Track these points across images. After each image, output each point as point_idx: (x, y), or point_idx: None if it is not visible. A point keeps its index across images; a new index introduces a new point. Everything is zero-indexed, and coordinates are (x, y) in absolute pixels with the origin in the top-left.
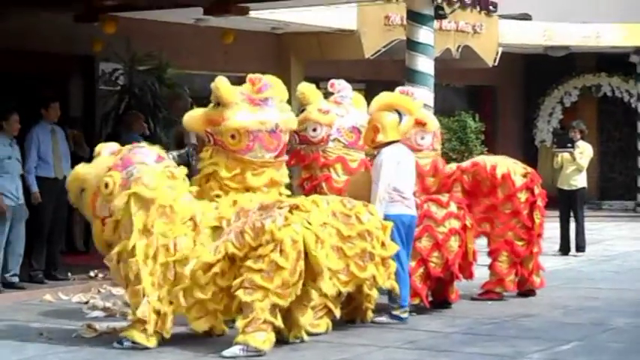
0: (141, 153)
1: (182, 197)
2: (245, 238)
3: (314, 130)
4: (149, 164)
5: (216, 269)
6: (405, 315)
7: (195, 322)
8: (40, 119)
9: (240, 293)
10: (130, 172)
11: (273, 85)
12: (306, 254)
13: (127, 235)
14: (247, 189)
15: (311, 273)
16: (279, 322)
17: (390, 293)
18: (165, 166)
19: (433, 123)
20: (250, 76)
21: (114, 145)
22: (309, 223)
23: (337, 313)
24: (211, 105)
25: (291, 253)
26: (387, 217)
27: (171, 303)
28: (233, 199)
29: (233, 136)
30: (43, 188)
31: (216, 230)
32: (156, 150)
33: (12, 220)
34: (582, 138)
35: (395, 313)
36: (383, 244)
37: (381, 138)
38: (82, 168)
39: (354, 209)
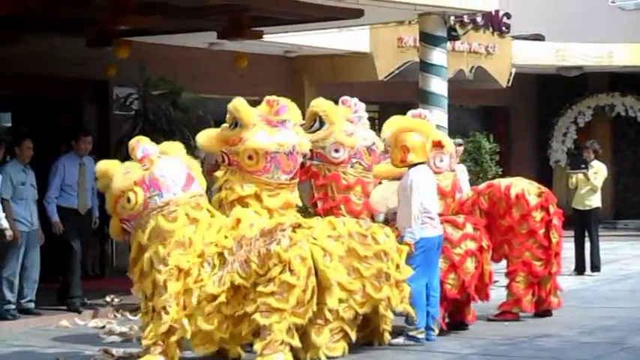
0: (170, 173)
1: (202, 229)
2: (251, 267)
3: (336, 151)
4: (174, 193)
5: (221, 299)
6: (422, 336)
7: (198, 348)
8: (70, 149)
9: (257, 317)
10: (153, 198)
11: (289, 107)
12: (316, 271)
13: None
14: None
15: (323, 291)
16: (296, 342)
17: (406, 315)
18: (191, 196)
19: (450, 144)
20: (267, 98)
21: (149, 146)
22: (315, 239)
23: (353, 336)
24: (227, 125)
25: (302, 270)
26: (418, 241)
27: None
28: (236, 216)
29: (250, 157)
30: (65, 218)
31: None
32: (185, 165)
33: (26, 246)
34: (596, 158)
35: (411, 334)
36: (398, 267)
37: (412, 158)
38: (112, 168)
39: (370, 229)
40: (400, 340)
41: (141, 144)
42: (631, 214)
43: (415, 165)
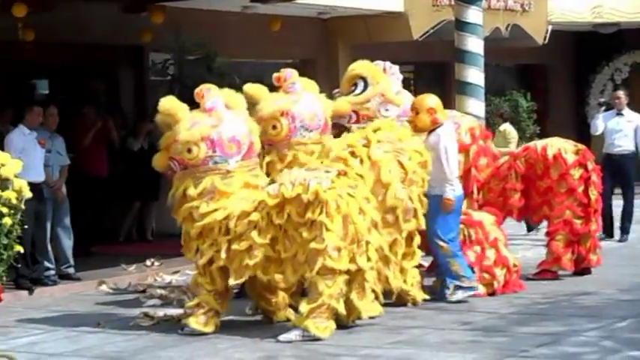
0: (235, 138)
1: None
2: (280, 189)
3: (386, 109)
4: (236, 160)
5: (252, 217)
6: (475, 283)
7: (233, 274)
8: None
9: (312, 276)
10: (214, 158)
11: (295, 72)
12: None
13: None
14: None
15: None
16: (341, 308)
17: (451, 273)
18: (249, 165)
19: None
20: (275, 74)
21: (218, 99)
22: (353, 192)
23: (381, 298)
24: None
25: (336, 216)
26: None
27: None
28: None
29: (275, 127)
30: None
31: None
32: (249, 129)
33: (54, 213)
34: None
35: (466, 285)
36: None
37: (441, 118)
38: (180, 112)
39: None
40: (459, 294)
41: (211, 94)
42: None
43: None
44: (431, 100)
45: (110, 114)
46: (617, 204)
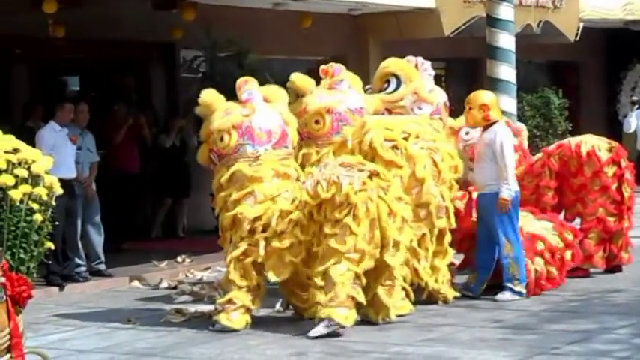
0: (267, 127)
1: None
2: (317, 189)
3: (419, 107)
4: (265, 149)
5: (293, 216)
6: (524, 290)
7: (272, 271)
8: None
9: (324, 264)
10: (244, 146)
11: (343, 68)
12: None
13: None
14: None
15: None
16: (361, 296)
17: (507, 274)
18: (280, 155)
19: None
20: (322, 67)
21: (255, 91)
22: (385, 194)
23: (412, 296)
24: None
25: (364, 220)
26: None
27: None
28: None
29: (317, 122)
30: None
31: None
32: (283, 120)
33: (84, 209)
34: None
35: (517, 289)
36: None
37: (494, 115)
38: (216, 102)
39: None
40: (507, 295)
41: (248, 86)
42: None
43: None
44: (485, 96)
45: (141, 111)
46: None
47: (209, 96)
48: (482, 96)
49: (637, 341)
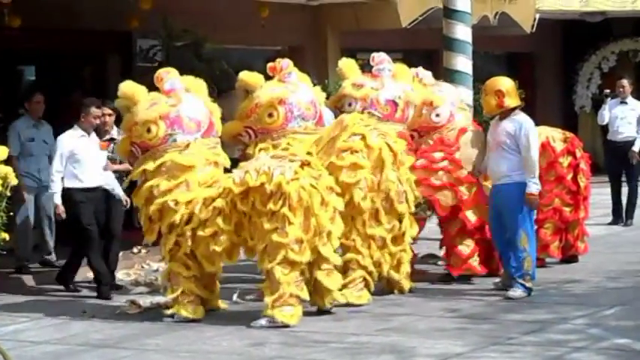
0: (195, 116)
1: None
2: (245, 177)
3: (349, 104)
4: (195, 138)
5: (216, 204)
6: (532, 286)
7: (204, 260)
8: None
9: (265, 264)
10: (173, 136)
11: (291, 62)
12: None
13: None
14: None
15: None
16: (305, 294)
17: (521, 268)
18: (209, 144)
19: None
20: (269, 64)
21: (177, 81)
22: (317, 183)
23: (371, 286)
24: (241, 100)
25: (299, 209)
26: (520, 186)
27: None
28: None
29: (270, 115)
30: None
31: None
32: (208, 109)
33: (36, 202)
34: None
35: (529, 285)
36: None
37: (508, 102)
38: (138, 94)
39: None
40: (518, 292)
41: (170, 76)
42: None
43: (513, 109)
44: (501, 82)
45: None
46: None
47: (130, 88)
48: (498, 82)
49: (593, 331)
